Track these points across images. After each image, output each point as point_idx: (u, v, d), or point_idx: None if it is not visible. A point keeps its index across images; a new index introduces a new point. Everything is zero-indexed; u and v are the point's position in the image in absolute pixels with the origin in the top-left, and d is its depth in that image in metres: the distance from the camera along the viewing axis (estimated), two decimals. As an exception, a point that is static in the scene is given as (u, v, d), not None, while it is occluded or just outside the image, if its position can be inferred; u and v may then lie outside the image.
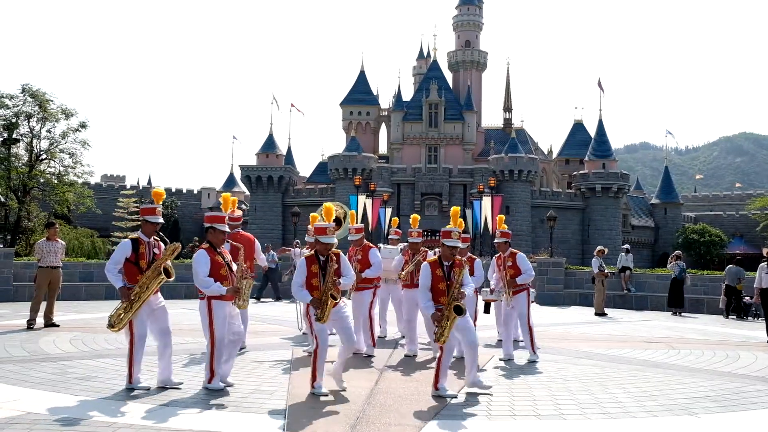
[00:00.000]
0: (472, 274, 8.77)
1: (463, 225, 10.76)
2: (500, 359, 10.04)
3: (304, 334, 11.70)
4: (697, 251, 71.34)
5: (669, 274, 21.96)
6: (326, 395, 7.15)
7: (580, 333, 14.18)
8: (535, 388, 8.02)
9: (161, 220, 7.56)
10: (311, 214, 10.29)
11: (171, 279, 7.32)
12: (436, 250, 11.80)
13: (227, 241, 7.83)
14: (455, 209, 8.16)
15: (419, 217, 10.12)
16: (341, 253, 7.59)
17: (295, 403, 6.88)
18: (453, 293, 7.23)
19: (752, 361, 10.46)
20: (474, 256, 10.67)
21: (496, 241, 10.35)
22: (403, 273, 10.53)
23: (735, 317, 19.25)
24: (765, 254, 16.89)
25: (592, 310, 19.67)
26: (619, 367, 9.61)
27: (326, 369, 7.35)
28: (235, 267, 7.44)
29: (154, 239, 7.53)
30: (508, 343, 10.25)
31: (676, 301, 20.08)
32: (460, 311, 7.08)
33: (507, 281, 10.01)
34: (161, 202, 7.69)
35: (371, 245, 10.53)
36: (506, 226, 10.64)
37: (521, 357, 10.29)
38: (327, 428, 5.97)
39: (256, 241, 10.33)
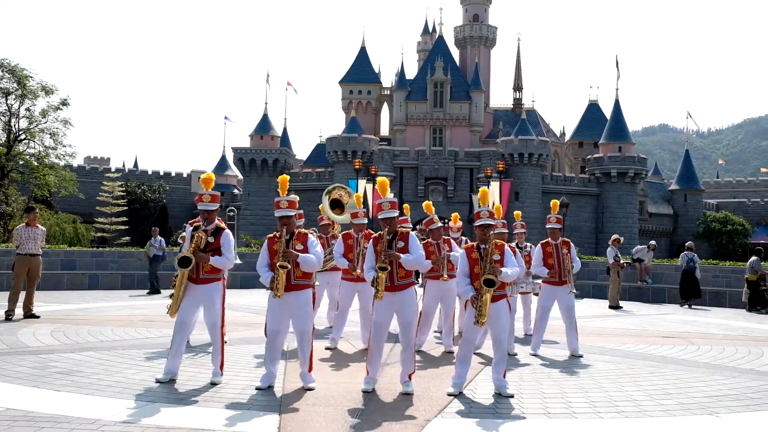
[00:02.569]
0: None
1: (501, 209, 10.78)
2: (530, 354, 10.21)
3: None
4: (718, 241, 71.19)
5: (710, 265, 22.11)
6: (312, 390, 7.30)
7: (594, 327, 14.21)
8: (546, 385, 8.05)
9: (206, 207, 7.66)
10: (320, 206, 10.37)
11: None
12: (463, 238, 11.88)
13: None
14: (483, 190, 8.15)
15: (431, 203, 10.08)
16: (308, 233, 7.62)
17: (290, 399, 6.91)
18: (486, 268, 7.25)
19: (776, 357, 10.48)
20: (513, 247, 10.57)
21: (550, 227, 10.38)
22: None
23: (759, 309, 19.26)
24: None
25: (606, 303, 19.72)
26: (635, 364, 9.64)
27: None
28: None
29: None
30: (538, 337, 10.46)
31: (687, 293, 20.32)
32: (489, 284, 7.11)
33: (568, 269, 10.15)
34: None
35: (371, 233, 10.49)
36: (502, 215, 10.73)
37: (528, 353, 10.33)
38: (324, 426, 6.00)
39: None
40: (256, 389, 7.30)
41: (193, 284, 7.54)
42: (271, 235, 7.58)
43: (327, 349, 10.24)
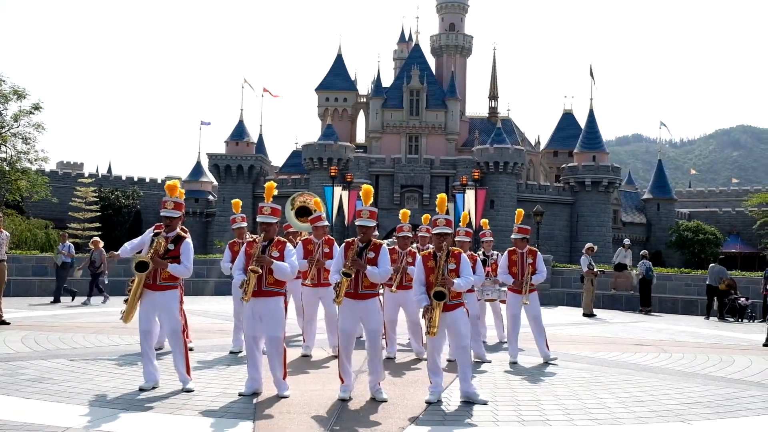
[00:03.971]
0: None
1: (467, 217, 10.81)
2: (511, 362, 10.19)
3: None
4: (691, 250, 71.98)
5: (661, 273, 22.30)
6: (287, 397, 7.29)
7: (568, 335, 14.29)
8: (520, 392, 8.07)
9: (168, 214, 7.64)
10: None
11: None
12: (429, 246, 11.86)
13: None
14: (442, 196, 8.19)
15: (409, 213, 10.08)
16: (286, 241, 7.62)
17: (265, 406, 6.87)
18: (437, 279, 7.24)
19: (747, 365, 10.60)
20: (476, 255, 10.63)
21: (513, 237, 10.44)
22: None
23: (731, 319, 19.52)
24: None
25: (580, 311, 19.84)
26: (608, 371, 9.69)
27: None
28: None
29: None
30: (514, 344, 10.40)
31: (645, 301, 20.81)
32: (439, 296, 7.10)
33: (526, 279, 10.19)
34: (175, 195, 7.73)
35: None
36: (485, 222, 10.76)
37: (503, 360, 10.36)
38: (298, 434, 5.97)
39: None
40: (240, 395, 7.28)
41: (150, 291, 7.50)
42: (251, 239, 7.59)
43: (304, 356, 10.19)
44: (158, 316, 7.65)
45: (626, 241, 23.90)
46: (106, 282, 18.97)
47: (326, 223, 10.08)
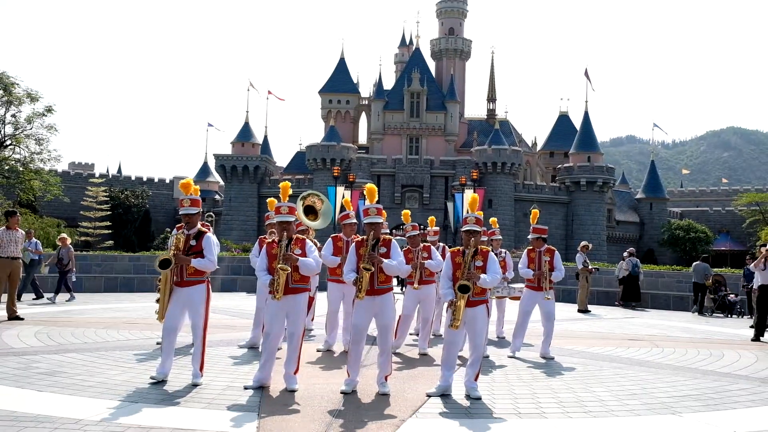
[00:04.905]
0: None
1: (482, 213, 10.83)
2: (509, 356, 10.27)
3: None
4: (682, 247, 71.93)
5: (653, 270, 22.29)
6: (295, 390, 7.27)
7: (563, 330, 14.26)
8: (516, 386, 8.08)
9: (186, 211, 7.61)
10: (268, 199, 10.35)
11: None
12: (440, 243, 11.86)
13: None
14: (474, 196, 8.18)
15: (410, 212, 10.13)
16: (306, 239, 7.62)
17: (270, 399, 6.88)
18: (464, 274, 7.25)
19: (736, 359, 10.61)
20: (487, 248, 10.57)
21: (530, 237, 10.47)
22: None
23: (721, 315, 19.54)
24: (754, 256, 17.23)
25: (575, 307, 19.85)
26: (602, 365, 9.70)
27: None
28: None
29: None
30: (519, 339, 10.52)
31: (633, 296, 21.16)
32: (464, 290, 7.12)
33: (545, 276, 10.23)
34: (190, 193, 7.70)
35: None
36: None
37: (500, 354, 10.37)
38: (303, 426, 5.98)
39: None
40: (245, 388, 7.30)
41: (178, 287, 7.49)
42: (270, 240, 7.61)
43: (318, 351, 10.17)
44: (187, 311, 7.62)
45: (626, 253, 22.98)
46: (74, 279, 18.34)
47: (354, 221, 9.77)
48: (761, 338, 13.27)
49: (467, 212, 7.74)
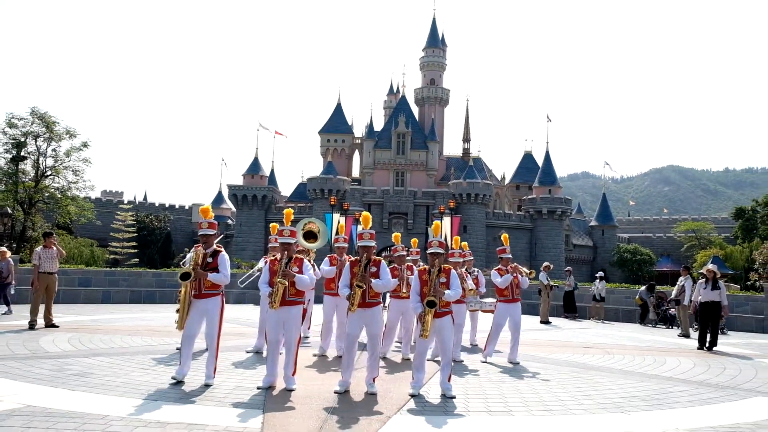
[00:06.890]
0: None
1: (458, 240, 10.91)
2: (481, 361, 10.27)
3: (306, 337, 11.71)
4: (630, 268, 72.34)
5: (622, 288, 22.61)
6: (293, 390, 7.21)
7: (528, 339, 14.21)
8: (487, 387, 8.04)
9: (204, 232, 7.61)
10: (271, 224, 10.51)
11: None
12: (420, 262, 11.90)
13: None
14: (437, 223, 8.30)
15: (400, 235, 10.29)
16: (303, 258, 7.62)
17: (273, 398, 6.81)
18: (430, 290, 7.27)
19: (676, 365, 10.60)
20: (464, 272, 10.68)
21: (501, 257, 10.57)
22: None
23: (663, 326, 19.59)
24: (691, 272, 17.31)
25: (538, 318, 19.82)
26: (561, 370, 9.67)
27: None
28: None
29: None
30: (491, 346, 10.53)
31: (572, 308, 21.58)
32: (431, 305, 7.12)
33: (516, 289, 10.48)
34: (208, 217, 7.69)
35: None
36: (466, 244, 10.87)
37: (474, 360, 10.32)
38: (301, 421, 5.92)
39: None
40: (258, 388, 7.23)
41: (196, 300, 7.43)
42: (272, 258, 7.61)
43: (314, 355, 10.12)
44: (204, 320, 7.54)
45: (599, 275, 22.58)
46: (12, 292, 16.20)
47: (345, 244, 10.29)
48: (704, 348, 13.18)
49: (432, 237, 7.78)
